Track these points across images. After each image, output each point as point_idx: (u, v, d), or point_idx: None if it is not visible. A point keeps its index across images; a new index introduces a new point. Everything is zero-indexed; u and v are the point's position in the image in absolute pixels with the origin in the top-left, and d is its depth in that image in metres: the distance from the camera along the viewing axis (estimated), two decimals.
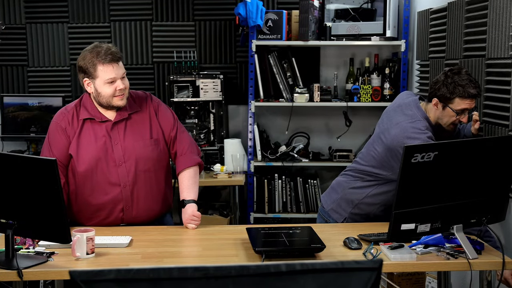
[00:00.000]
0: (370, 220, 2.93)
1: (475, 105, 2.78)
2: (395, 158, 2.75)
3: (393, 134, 2.78)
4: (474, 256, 2.28)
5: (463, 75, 2.72)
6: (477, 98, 2.76)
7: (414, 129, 2.73)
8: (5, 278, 2.19)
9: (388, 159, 2.81)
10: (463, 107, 2.72)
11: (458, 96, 2.70)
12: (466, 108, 2.73)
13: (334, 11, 4.52)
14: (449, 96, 2.72)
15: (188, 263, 2.32)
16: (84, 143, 2.70)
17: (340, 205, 2.99)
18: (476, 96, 2.74)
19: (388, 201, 2.86)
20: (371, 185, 2.92)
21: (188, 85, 4.57)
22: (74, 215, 2.75)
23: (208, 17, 4.83)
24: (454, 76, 2.73)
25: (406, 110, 2.83)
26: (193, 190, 2.82)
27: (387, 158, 2.81)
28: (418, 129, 2.73)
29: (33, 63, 4.86)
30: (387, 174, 2.85)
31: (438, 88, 2.75)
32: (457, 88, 2.70)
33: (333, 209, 3.02)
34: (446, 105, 2.74)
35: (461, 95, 2.69)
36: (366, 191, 2.93)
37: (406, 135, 2.72)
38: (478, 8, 3.18)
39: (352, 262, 1.19)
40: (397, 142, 2.73)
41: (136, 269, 1.14)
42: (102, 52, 2.63)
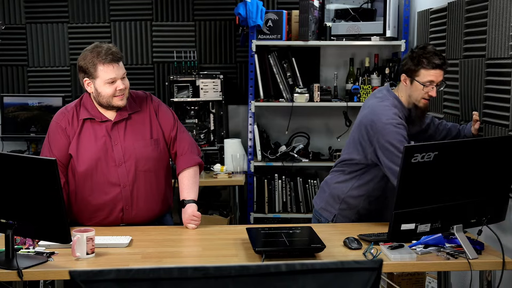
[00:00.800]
0: (360, 215, 2.93)
1: (443, 79, 2.82)
2: (364, 137, 2.80)
3: (363, 114, 2.87)
4: (474, 256, 2.28)
5: (428, 49, 2.80)
6: (443, 70, 2.80)
7: (382, 106, 2.79)
8: (5, 278, 2.19)
9: (359, 139, 2.85)
10: (429, 79, 2.76)
11: (422, 67, 2.76)
12: (433, 80, 2.77)
13: (334, 11, 4.52)
14: (414, 68, 2.79)
15: (188, 263, 2.32)
16: (84, 143, 2.70)
17: (329, 203, 3.00)
18: (441, 66, 2.78)
19: (372, 191, 2.88)
20: (352, 177, 2.92)
21: (188, 85, 4.57)
22: (74, 215, 2.75)
23: (208, 17, 4.83)
24: (419, 50, 2.81)
25: (377, 94, 2.93)
26: (193, 190, 2.82)
27: (358, 138, 2.85)
28: (385, 106, 2.80)
29: (33, 63, 4.86)
30: (360, 158, 2.86)
31: (405, 64, 2.85)
32: (422, 59, 2.76)
33: (323, 208, 3.03)
34: (413, 78, 2.79)
35: (426, 66, 2.75)
36: (349, 184, 2.93)
37: (374, 111, 2.78)
38: (478, 8, 3.18)
39: (352, 262, 1.19)
40: (365, 119, 2.80)
41: (136, 269, 1.14)
42: (102, 52, 2.63)
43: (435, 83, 2.78)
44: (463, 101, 3.35)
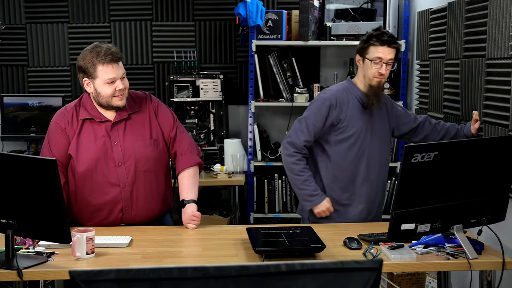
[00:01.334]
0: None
1: (394, 60, 2.92)
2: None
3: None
4: (474, 256, 2.28)
5: (379, 29, 2.95)
6: (393, 48, 2.90)
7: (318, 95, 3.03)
8: (5, 278, 2.19)
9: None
10: (377, 55, 2.87)
11: (371, 44, 2.90)
12: (381, 57, 2.87)
13: (334, 11, 4.52)
14: (364, 45, 2.95)
15: (188, 263, 2.32)
16: (84, 143, 2.70)
17: (301, 203, 3.06)
18: (389, 44, 2.88)
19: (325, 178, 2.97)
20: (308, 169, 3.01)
21: (188, 85, 4.57)
22: (74, 215, 2.75)
23: (208, 17, 4.83)
24: (371, 32, 2.96)
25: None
26: (193, 190, 2.82)
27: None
28: (321, 93, 3.04)
29: (33, 63, 4.86)
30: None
31: (358, 45, 2.99)
32: (371, 37, 2.91)
33: (301, 209, 3.10)
34: (364, 57, 2.92)
35: (374, 43, 2.88)
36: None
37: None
38: (478, 8, 3.18)
39: (352, 262, 1.19)
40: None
41: (136, 269, 1.14)
42: (102, 52, 2.63)
43: (383, 60, 2.88)
44: (463, 101, 3.35)
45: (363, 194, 2.97)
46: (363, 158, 2.95)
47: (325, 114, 2.90)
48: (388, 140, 3.07)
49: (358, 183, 2.96)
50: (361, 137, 2.94)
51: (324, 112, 2.90)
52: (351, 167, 2.94)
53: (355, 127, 2.92)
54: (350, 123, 2.92)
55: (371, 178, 2.97)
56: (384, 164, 3.03)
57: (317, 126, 2.91)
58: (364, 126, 2.94)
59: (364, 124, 2.94)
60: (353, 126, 2.92)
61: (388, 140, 3.07)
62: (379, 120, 3.01)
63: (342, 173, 2.96)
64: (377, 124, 2.99)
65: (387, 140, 3.06)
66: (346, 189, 2.97)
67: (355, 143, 2.93)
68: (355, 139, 2.93)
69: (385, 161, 3.05)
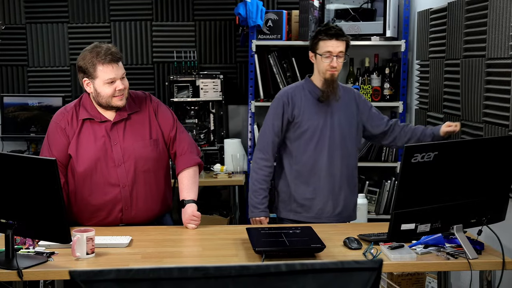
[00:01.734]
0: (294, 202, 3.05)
1: (345, 52, 2.98)
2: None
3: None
4: (474, 256, 2.28)
5: (327, 24, 3.04)
6: (341, 41, 2.96)
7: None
8: (5, 278, 2.19)
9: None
10: (326, 50, 2.94)
11: (319, 39, 2.97)
12: (330, 51, 2.94)
13: (334, 11, 4.52)
14: (313, 41, 3.03)
15: (188, 263, 2.32)
16: (84, 143, 2.70)
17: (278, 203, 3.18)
18: (337, 37, 2.95)
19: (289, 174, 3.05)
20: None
21: (188, 85, 4.57)
22: (74, 215, 2.75)
23: (208, 17, 4.83)
24: (319, 27, 3.05)
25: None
26: (193, 190, 2.82)
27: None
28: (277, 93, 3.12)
29: (33, 63, 4.86)
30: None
31: (309, 42, 3.06)
32: (319, 33, 2.99)
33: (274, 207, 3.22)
34: (315, 52, 3.00)
35: (322, 38, 2.95)
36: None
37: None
38: (478, 8, 3.18)
39: (352, 262, 1.19)
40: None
41: (136, 269, 1.14)
42: (102, 52, 2.63)
43: (333, 53, 2.95)
44: (463, 101, 3.35)
45: (326, 187, 3.01)
46: (323, 151, 3.00)
47: (280, 113, 3.01)
48: (353, 133, 3.08)
49: (320, 177, 3.01)
50: (318, 131, 2.99)
51: (279, 110, 3.01)
52: (311, 160, 3.00)
53: (310, 121, 2.99)
54: (305, 118, 2.99)
55: (333, 171, 3.01)
56: (347, 156, 3.04)
57: (277, 125, 3.02)
58: (321, 120, 3.00)
59: (321, 118, 3.00)
60: (308, 120, 2.99)
61: (353, 133, 3.08)
62: (341, 113, 3.04)
63: (303, 168, 3.02)
64: (338, 117, 3.02)
65: (352, 133, 3.07)
66: (309, 183, 3.02)
67: (312, 137, 2.99)
68: (311, 133, 2.99)
69: (348, 154, 3.05)
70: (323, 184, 3.00)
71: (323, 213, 3.02)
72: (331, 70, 2.95)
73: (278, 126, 3.01)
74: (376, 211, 4.54)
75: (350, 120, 3.06)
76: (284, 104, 3.01)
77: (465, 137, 3.33)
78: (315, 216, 3.01)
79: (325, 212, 3.01)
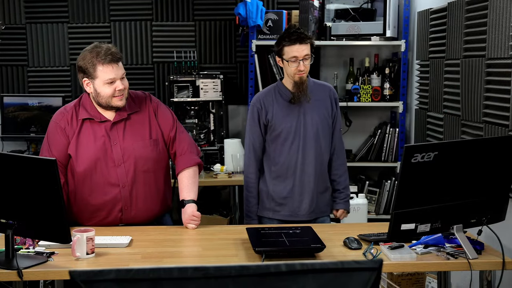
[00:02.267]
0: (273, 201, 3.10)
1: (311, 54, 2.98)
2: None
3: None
4: (474, 256, 2.28)
5: (289, 29, 3.02)
6: (306, 44, 2.96)
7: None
8: (5, 278, 2.19)
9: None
10: (292, 55, 2.96)
11: (284, 45, 2.98)
12: (296, 56, 2.95)
13: (334, 11, 4.52)
14: (278, 48, 3.02)
15: (188, 263, 2.32)
16: (83, 143, 2.70)
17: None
18: (300, 41, 2.95)
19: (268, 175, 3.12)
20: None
21: (188, 85, 4.57)
22: (74, 215, 2.75)
23: (208, 17, 4.83)
24: (282, 33, 3.06)
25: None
26: (192, 190, 2.82)
27: None
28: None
29: (33, 63, 4.86)
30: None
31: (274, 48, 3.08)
32: (282, 39, 3.00)
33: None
34: (282, 58, 3.01)
35: (286, 44, 2.97)
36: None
37: None
38: (478, 8, 3.18)
39: (352, 262, 1.19)
40: None
41: (136, 269, 1.14)
42: (102, 52, 2.63)
43: (299, 57, 2.96)
44: (463, 101, 3.35)
45: (301, 186, 3.07)
46: (298, 151, 3.05)
47: (256, 118, 3.09)
48: (327, 130, 3.11)
49: (295, 176, 3.06)
50: (292, 132, 3.05)
51: (255, 116, 3.09)
52: (287, 161, 3.06)
53: (283, 123, 3.05)
54: (278, 121, 3.05)
55: (308, 170, 3.06)
56: (320, 154, 3.09)
57: (256, 131, 3.10)
58: (294, 122, 3.05)
59: (293, 119, 3.05)
60: (281, 123, 3.05)
61: (328, 131, 3.11)
62: (314, 112, 3.07)
63: (281, 168, 3.08)
64: (311, 116, 3.06)
65: (326, 131, 3.10)
66: (286, 182, 3.08)
67: (286, 139, 3.05)
68: (285, 135, 3.05)
69: (322, 152, 3.09)
70: (298, 183, 3.07)
71: (300, 211, 3.08)
72: (299, 73, 2.99)
73: (257, 132, 3.10)
74: (376, 211, 4.54)
75: (324, 117, 3.10)
76: (258, 110, 3.08)
77: (465, 137, 3.33)
78: (291, 214, 3.09)
79: (302, 210, 3.08)
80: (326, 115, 3.10)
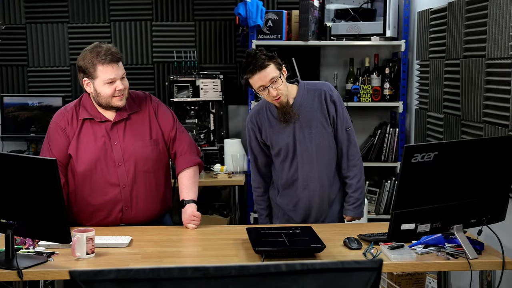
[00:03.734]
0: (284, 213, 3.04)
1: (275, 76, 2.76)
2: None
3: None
4: (474, 256, 2.28)
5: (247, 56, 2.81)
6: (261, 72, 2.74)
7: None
8: (5, 278, 2.19)
9: None
10: (258, 86, 2.77)
11: (246, 79, 2.78)
12: (262, 85, 2.75)
13: (334, 11, 4.52)
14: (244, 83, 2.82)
15: (188, 263, 2.32)
16: (84, 143, 2.70)
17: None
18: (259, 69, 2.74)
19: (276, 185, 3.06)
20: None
21: (188, 85, 4.57)
22: (74, 215, 2.75)
23: (208, 17, 4.83)
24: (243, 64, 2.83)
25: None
26: (192, 190, 2.82)
27: None
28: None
29: (33, 63, 4.86)
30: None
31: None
32: (242, 72, 2.80)
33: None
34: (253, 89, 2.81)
35: (248, 77, 2.77)
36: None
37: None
38: (478, 8, 3.18)
39: (352, 262, 1.19)
40: None
41: (136, 269, 1.14)
42: (102, 52, 2.63)
43: (266, 85, 2.76)
44: (463, 101, 3.35)
45: (304, 201, 2.96)
46: (297, 169, 2.93)
47: (253, 137, 3.00)
48: (328, 137, 2.92)
49: (298, 191, 2.96)
50: (291, 149, 2.91)
51: (252, 135, 3.00)
52: (289, 176, 2.96)
53: (279, 142, 2.92)
54: (273, 141, 2.94)
55: (311, 186, 2.93)
56: (327, 166, 2.94)
57: (256, 149, 3.02)
58: (289, 139, 2.90)
59: (288, 136, 2.90)
60: (276, 143, 2.93)
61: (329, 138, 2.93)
62: (309, 126, 2.90)
63: (285, 183, 2.99)
64: (308, 131, 2.90)
65: (328, 142, 2.93)
66: (290, 196, 2.99)
67: (286, 156, 2.93)
68: (285, 153, 2.93)
69: (326, 163, 2.94)
70: (302, 198, 2.96)
71: (309, 220, 2.98)
72: (275, 99, 2.80)
73: (258, 149, 3.01)
74: (376, 211, 4.54)
75: (322, 127, 2.91)
76: (253, 129, 2.97)
77: (465, 137, 3.33)
78: (302, 222, 2.98)
79: (311, 218, 2.99)
80: (324, 123, 2.90)
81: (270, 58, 2.81)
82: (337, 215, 3.03)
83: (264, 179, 3.08)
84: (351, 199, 2.97)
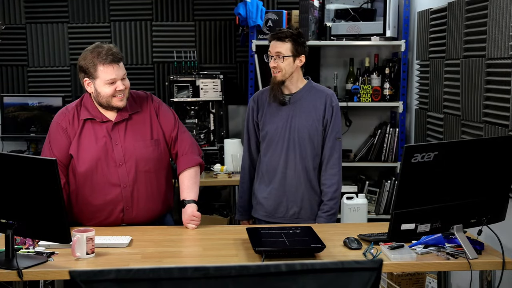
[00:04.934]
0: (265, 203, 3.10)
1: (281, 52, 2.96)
2: None
3: None
4: (474, 256, 2.28)
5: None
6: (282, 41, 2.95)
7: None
8: (5, 278, 2.19)
9: None
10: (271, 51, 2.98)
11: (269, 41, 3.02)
12: (270, 51, 3.00)
13: (334, 11, 4.52)
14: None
15: (188, 263, 2.32)
16: (85, 144, 2.70)
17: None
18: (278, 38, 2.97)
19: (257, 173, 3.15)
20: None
21: (188, 85, 4.57)
22: (74, 215, 2.75)
23: (208, 17, 4.84)
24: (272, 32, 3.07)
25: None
26: (193, 190, 2.82)
27: None
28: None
29: (33, 63, 4.86)
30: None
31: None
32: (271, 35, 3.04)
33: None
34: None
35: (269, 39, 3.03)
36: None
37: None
38: (478, 8, 3.18)
39: (352, 262, 1.19)
40: None
41: (136, 269, 1.14)
42: (103, 52, 2.63)
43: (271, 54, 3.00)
44: (463, 101, 3.35)
45: (280, 189, 3.05)
46: (281, 154, 3.03)
47: (251, 115, 3.14)
48: (316, 136, 3.01)
49: (276, 178, 3.05)
50: (278, 134, 3.03)
51: (250, 113, 3.15)
52: (270, 162, 3.06)
53: (270, 124, 3.05)
54: (266, 121, 3.07)
55: (289, 173, 3.03)
56: (304, 159, 3.01)
57: (251, 128, 3.15)
58: (280, 123, 3.03)
59: (280, 121, 3.03)
60: (268, 123, 3.06)
61: (316, 137, 3.01)
62: (303, 117, 3.01)
63: (264, 169, 3.09)
64: (300, 120, 3.01)
65: (314, 138, 3.01)
66: (267, 183, 3.08)
67: (272, 140, 3.05)
68: (271, 136, 3.05)
69: (307, 156, 3.01)
70: (278, 186, 3.05)
71: (276, 213, 3.07)
72: (272, 70, 3.00)
73: (252, 129, 3.15)
74: (376, 211, 4.54)
75: (313, 123, 3.01)
76: (252, 108, 3.13)
77: (465, 137, 3.33)
78: (268, 215, 3.09)
79: (278, 212, 3.07)
80: (316, 121, 3.00)
81: (294, 39, 2.98)
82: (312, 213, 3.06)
83: (253, 164, 3.18)
84: (326, 207, 3.02)
